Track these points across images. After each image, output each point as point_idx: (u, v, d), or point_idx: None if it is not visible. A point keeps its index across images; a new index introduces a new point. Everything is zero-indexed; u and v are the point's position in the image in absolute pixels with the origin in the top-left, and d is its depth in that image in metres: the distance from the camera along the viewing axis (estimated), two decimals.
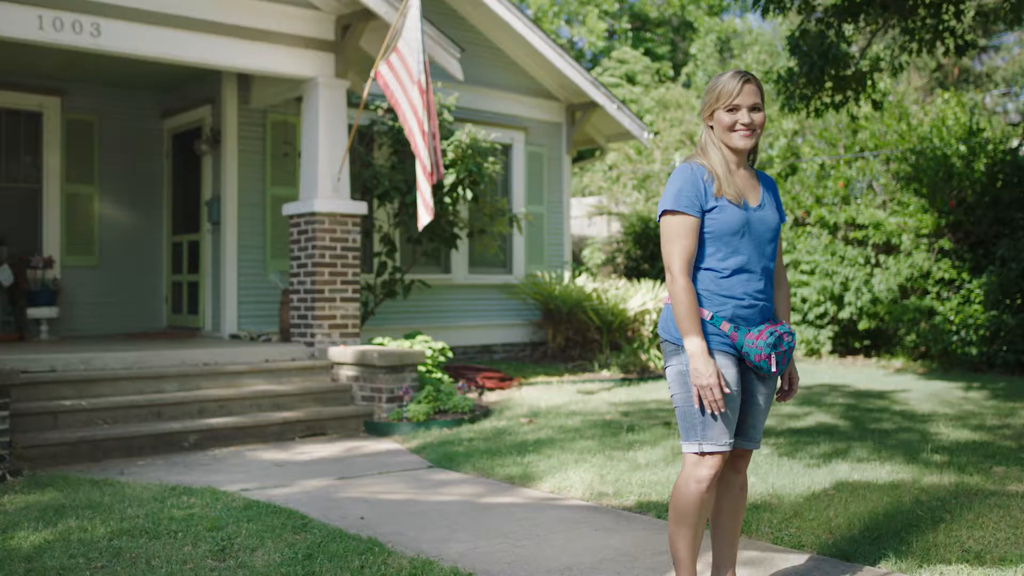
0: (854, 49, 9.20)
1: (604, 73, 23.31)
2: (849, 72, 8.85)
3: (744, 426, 3.26)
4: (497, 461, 5.97)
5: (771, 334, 3.09)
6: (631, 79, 23.55)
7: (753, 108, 3.11)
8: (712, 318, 3.11)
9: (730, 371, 3.10)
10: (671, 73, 25.25)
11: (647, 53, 25.84)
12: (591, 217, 17.74)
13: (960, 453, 6.03)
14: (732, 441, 3.12)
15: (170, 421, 7.00)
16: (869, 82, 8.58)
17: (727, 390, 3.06)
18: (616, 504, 4.97)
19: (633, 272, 15.60)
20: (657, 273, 14.98)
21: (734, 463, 3.33)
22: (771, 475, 5.49)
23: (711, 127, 3.17)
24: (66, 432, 6.44)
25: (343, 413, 7.67)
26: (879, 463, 5.79)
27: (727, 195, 3.09)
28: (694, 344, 3.03)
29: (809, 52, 8.41)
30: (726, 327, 3.10)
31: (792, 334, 3.18)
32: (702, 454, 3.10)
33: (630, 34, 26.07)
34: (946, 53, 9.03)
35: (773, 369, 3.10)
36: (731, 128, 3.11)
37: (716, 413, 3.04)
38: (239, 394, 7.48)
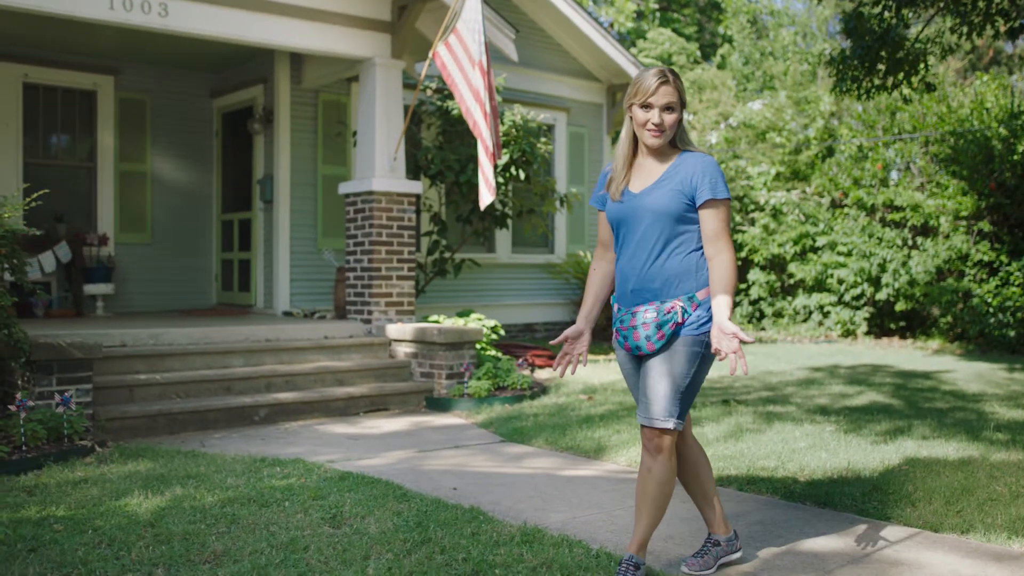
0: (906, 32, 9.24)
1: (640, 54, 23.31)
2: (900, 54, 8.90)
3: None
4: (568, 435, 6.11)
5: (623, 312, 3.38)
6: (666, 60, 23.52)
7: (666, 108, 3.27)
8: (612, 298, 3.51)
9: (620, 349, 3.46)
10: (698, 54, 25.21)
11: (674, 34, 25.80)
12: None
13: (1021, 431, 6.13)
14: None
15: (240, 395, 7.16)
16: (922, 64, 8.63)
17: (572, 358, 3.50)
18: None
19: None
20: None
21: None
22: (841, 450, 5.61)
23: (631, 118, 3.36)
24: (144, 405, 6.60)
25: (403, 389, 7.82)
26: (944, 440, 5.90)
27: (610, 191, 3.42)
28: (580, 311, 3.57)
29: (862, 34, 8.46)
30: (617, 307, 3.45)
31: (664, 311, 3.24)
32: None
33: (657, 14, 26.02)
34: (996, 36, 9.06)
35: (614, 342, 3.43)
36: (643, 125, 3.29)
37: (629, 387, 3.48)
38: (303, 370, 7.63)
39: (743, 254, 14.62)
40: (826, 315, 13.98)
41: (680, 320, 3.24)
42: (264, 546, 3.65)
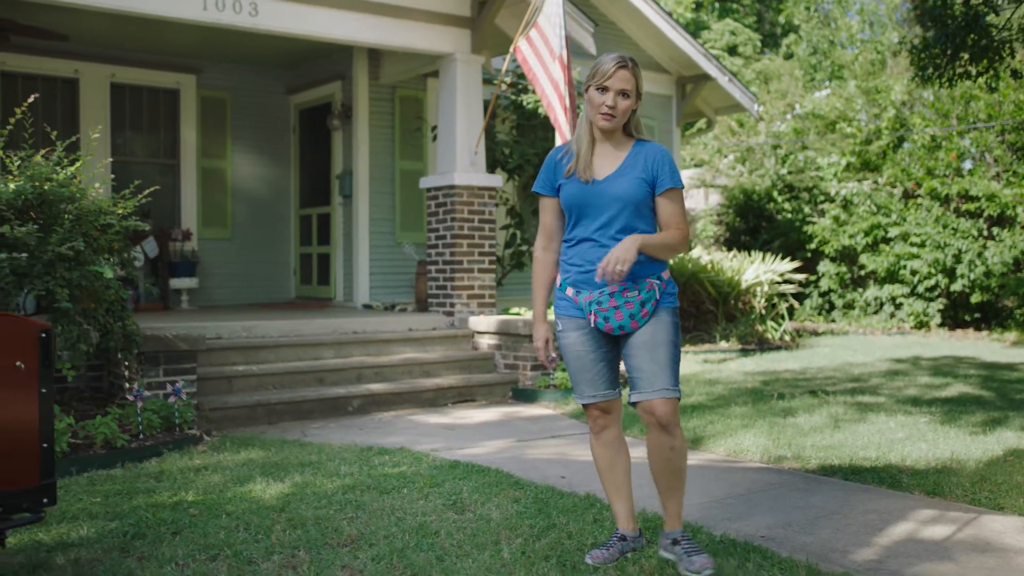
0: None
1: (705, 45, 23.22)
2: (984, 41, 8.76)
3: (631, 378, 3.40)
4: None
5: (600, 294, 3.32)
6: (732, 50, 23.33)
7: (621, 93, 3.29)
8: (560, 284, 3.46)
9: (574, 334, 3.42)
10: (759, 44, 25.03)
11: (739, 25, 25.61)
12: (689, 189, 17.78)
13: None
14: (595, 395, 3.44)
15: (333, 386, 7.31)
16: (1007, 51, 8.50)
17: (552, 354, 3.49)
18: (798, 467, 5.13)
19: (733, 244, 15.63)
20: (760, 245, 15.00)
21: (643, 418, 3.40)
22: (940, 441, 5.60)
23: (589, 101, 3.37)
24: (243, 396, 6.78)
25: (489, 380, 7.92)
26: None
27: (577, 171, 3.36)
28: (535, 312, 3.50)
29: (945, 21, 8.35)
30: (570, 292, 3.41)
31: (645, 288, 3.29)
32: (582, 405, 3.50)
33: (716, 5, 25.85)
34: None
35: (593, 325, 3.36)
36: (597, 108, 3.31)
37: (576, 371, 3.44)
38: (391, 361, 7.77)
39: (813, 245, 14.51)
40: (898, 307, 13.84)
41: (658, 296, 3.34)
42: (395, 530, 3.76)
